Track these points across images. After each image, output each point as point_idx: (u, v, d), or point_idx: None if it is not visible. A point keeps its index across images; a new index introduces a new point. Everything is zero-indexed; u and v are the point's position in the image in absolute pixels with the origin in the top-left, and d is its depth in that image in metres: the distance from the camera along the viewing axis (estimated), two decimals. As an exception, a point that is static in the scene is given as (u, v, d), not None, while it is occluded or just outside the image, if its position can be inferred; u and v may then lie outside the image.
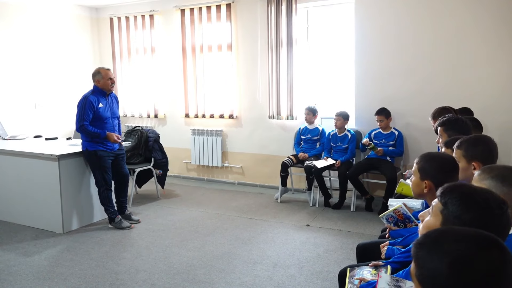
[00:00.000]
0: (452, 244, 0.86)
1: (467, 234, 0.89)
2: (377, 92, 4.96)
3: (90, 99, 4.01)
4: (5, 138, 5.13)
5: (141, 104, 6.68)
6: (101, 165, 4.13)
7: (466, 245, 0.85)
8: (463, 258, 0.83)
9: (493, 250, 0.85)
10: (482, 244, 0.86)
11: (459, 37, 4.51)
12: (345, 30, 5.22)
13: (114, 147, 4.23)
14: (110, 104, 4.19)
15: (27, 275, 3.24)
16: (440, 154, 2.06)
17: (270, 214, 4.67)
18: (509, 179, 1.43)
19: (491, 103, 4.42)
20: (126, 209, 4.47)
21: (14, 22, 5.86)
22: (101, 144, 4.10)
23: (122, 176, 4.40)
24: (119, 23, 6.70)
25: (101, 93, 4.11)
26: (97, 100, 4.06)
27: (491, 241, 0.87)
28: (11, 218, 4.48)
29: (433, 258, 0.85)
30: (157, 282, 3.09)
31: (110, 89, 4.14)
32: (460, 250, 0.84)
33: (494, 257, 0.83)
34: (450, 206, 1.15)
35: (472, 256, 0.83)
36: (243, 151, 6.04)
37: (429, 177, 1.82)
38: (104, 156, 4.13)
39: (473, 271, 0.82)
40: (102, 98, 4.11)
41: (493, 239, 0.88)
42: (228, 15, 5.76)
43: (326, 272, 3.23)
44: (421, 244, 0.90)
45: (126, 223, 4.28)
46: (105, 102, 4.14)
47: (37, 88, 6.19)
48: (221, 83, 6.01)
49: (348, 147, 4.93)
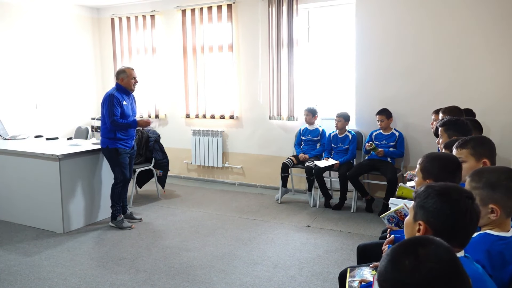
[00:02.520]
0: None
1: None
2: (378, 93, 4.96)
3: (116, 95, 4.09)
4: (6, 138, 5.14)
5: (142, 105, 6.67)
6: (120, 161, 4.20)
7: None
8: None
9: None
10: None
11: (461, 38, 4.50)
12: (346, 30, 5.22)
13: (132, 144, 4.35)
14: (131, 103, 4.30)
15: (27, 275, 3.24)
16: (443, 154, 2.06)
17: (270, 215, 4.67)
18: (498, 186, 1.47)
19: (493, 104, 4.42)
20: (127, 209, 4.50)
21: (15, 22, 5.87)
22: (122, 141, 4.19)
23: (130, 175, 4.44)
24: (120, 24, 6.71)
25: (124, 91, 4.18)
26: (122, 98, 4.15)
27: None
28: (12, 218, 4.49)
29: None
30: (157, 283, 3.08)
31: (133, 89, 4.23)
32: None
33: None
34: (420, 200, 1.25)
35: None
36: (243, 151, 6.04)
37: (432, 176, 1.81)
38: (123, 153, 4.22)
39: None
40: (126, 96, 4.20)
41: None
42: (229, 16, 5.77)
43: (326, 273, 3.23)
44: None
45: (127, 223, 4.28)
46: (128, 100, 4.24)
47: (38, 88, 6.20)
48: (222, 83, 6.01)
49: (349, 148, 4.93)
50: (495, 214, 1.45)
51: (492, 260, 1.38)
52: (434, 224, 1.21)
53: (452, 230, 1.19)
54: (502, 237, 1.45)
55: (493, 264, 1.38)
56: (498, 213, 1.45)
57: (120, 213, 4.32)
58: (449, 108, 3.50)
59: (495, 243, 1.43)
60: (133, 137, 4.40)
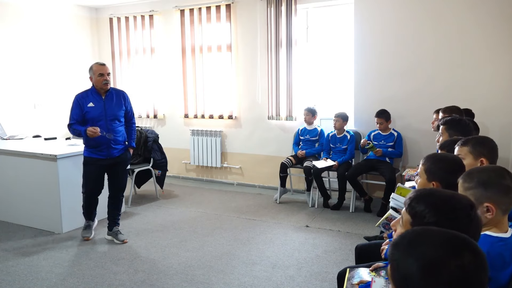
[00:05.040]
0: (426, 247, 0.86)
1: (442, 237, 0.89)
2: (377, 93, 4.96)
3: (77, 97, 3.67)
4: (4, 138, 5.13)
5: (140, 105, 6.67)
6: (86, 172, 3.76)
7: (440, 249, 0.85)
8: (436, 262, 0.83)
9: (466, 254, 0.84)
10: (455, 248, 0.85)
11: (460, 38, 4.51)
12: (345, 31, 5.23)
13: (112, 153, 3.73)
14: (107, 104, 3.68)
15: (26, 275, 3.23)
16: (447, 155, 2.07)
17: (269, 215, 4.67)
18: (490, 184, 1.48)
19: (493, 104, 4.42)
20: (116, 225, 3.94)
21: (14, 22, 5.86)
22: (92, 149, 3.69)
23: (114, 189, 3.87)
24: (119, 24, 6.70)
25: (96, 91, 3.68)
26: (88, 98, 3.65)
27: (464, 245, 0.86)
28: (10, 218, 4.48)
29: (406, 260, 0.85)
30: (156, 283, 3.08)
31: (103, 87, 3.64)
32: (433, 254, 0.84)
33: (465, 262, 0.83)
34: (419, 218, 1.14)
35: (444, 261, 0.83)
36: (242, 151, 6.04)
37: (437, 178, 1.81)
38: (91, 163, 3.71)
39: (444, 275, 0.81)
40: (97, 96, 3.67)
41: (467, 242, 0.88)
42: (228, 16, 5.76)
43: (325, 273, 3.23)
44: (397, 245, 0.91)
45: (84, 233, 3.91)
46: (100, 101, 3.67)
47: (37, 88, 6.18)
48: (221, 83, 6.01)
49: (347, 148, 4.94)
50: (490, 212, 1.46)
51: (492, 261, 1.38)
52: None
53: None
54: (501, 238, 1.45)
55: (493, 266, 1.37)
56: (493, 211, 1.45)
57: (86, 218, 3.94)
58: (449, 108, 3.52)
59: (495, 244, 1.43)
60: (109, 144, 3.69)
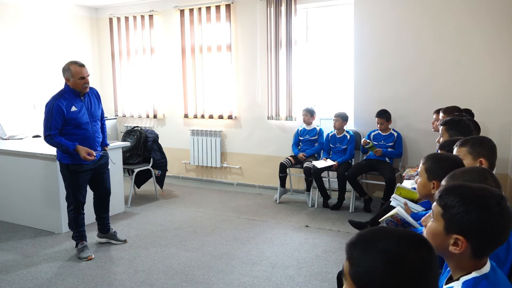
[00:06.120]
0: (386, 242, 0.90)
1: (398, 233, 0.94)
2: (376, 93, 4.96)
3: (57, 102, 3.30)
4: (4, 138, 5.13)
5: (140, 105, 6.68)
6: (73, 181, 3.45)
7: (400, 244, 0.90)
8: (398, 255, 0.88)
9: (423, 248, 0.91)
10: (414, 242, 0.92)
11: (459, 38, 4.51)
12: (345, 31, 5.23)
13: (97, 156, 3.52)
14: (87, 105, 3.47)
15: (25, 275, 3.23)
16: (447, 154, 2.07)
17: (269, 215, 4.67)
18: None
19: (492, 104, 4.42)
20: (109, 227, 3.86)
21: (14, 22, 5.85)
22: (76, 156, 3.38)
23: (103, 192, 3.76)
24: (119, 24, 6.70)
25: (74, 93, 3.40)
26: (69, 102, 3.35)
27: (421, 241, 0.94)
28: (10, 218, 4.48)
29: (368, 256, 0.89)
30: (156, 283, 3.08)
31: (83, 90, 3.40)
32: (395, 248, 0.89)
33: (424, 254, 0.90)
34: (450, 209, 1.15)
35: (405, 254, 0.89)
36: (242, 151, 6.04)
37: (438, 177, 1.80)
38: (79, 171, 3.44)
39: (406, 267, 0.88)
40: (76, 99, 3.40)
41: (422, 238, 0.96)
42: (228, 16, 5.76)
43: (324, 273, 3.23)
44: (355, 244, 0.94)
45: (84, 254, 3.51)
46: (81, 104, 3.42)
47: (36, 88, 6.17)
48: (220, 83, 6.01)
49: (347, 148, 4.94)
50: None
51: None
52: (474, 240, 1.13)
53: (493, 243, 1.15)
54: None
55: None
56: None
57: (81, 240, 3.57)
58: (449, 108, 3.52)
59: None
60: (95, 148, 3.49)
